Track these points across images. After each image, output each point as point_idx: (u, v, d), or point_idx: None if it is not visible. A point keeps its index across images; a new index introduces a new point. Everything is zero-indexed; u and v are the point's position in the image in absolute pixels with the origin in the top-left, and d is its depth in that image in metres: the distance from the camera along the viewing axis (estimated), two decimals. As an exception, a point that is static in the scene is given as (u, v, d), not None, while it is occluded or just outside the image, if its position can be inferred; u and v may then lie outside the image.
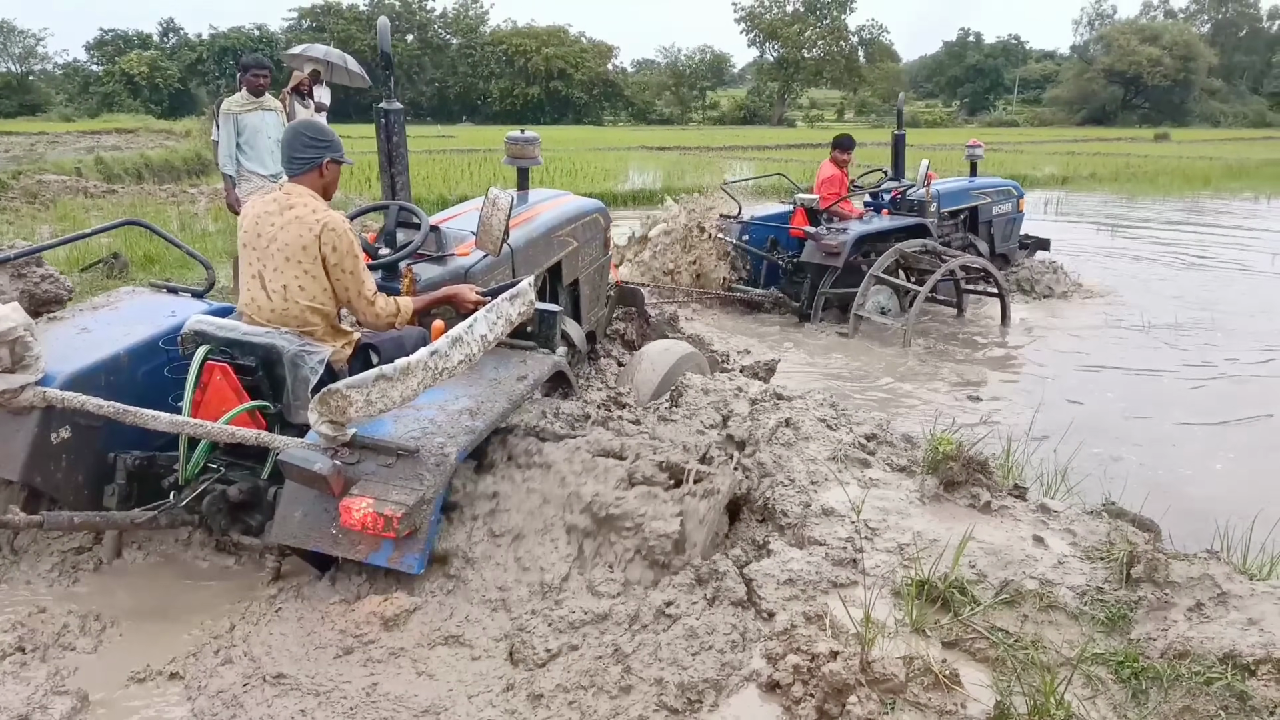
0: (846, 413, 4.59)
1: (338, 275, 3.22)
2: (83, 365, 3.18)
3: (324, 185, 3.33)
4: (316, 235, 3.16)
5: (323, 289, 3.23)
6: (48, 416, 3.02)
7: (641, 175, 21.19)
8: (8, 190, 13.60)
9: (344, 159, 3.39)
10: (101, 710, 2.46)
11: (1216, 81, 68.31)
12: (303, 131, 3.30)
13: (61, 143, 25.18)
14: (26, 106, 53.21)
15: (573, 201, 5.33)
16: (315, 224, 3.16)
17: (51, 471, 3.08)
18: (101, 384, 3.18)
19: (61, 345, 3.28)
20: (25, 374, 2.92)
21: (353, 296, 3.27)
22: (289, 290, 3.20)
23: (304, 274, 3.19)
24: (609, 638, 2.58)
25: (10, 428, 3.00)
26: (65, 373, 3.10)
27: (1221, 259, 12.40)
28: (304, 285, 3.20)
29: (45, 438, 3.03)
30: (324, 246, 3.16)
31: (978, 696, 2.49)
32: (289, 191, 3.27)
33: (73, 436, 3.12)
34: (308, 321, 3.24)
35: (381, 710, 2.36)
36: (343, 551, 2.72)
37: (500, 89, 62.77)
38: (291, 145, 3.26)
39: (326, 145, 3.29)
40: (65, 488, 3.13)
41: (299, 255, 3.17)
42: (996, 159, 24.97)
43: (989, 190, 9.82)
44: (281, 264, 3.19)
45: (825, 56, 67.68)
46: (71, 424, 3.10)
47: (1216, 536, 3.55)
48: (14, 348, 2.89)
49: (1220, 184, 23.08)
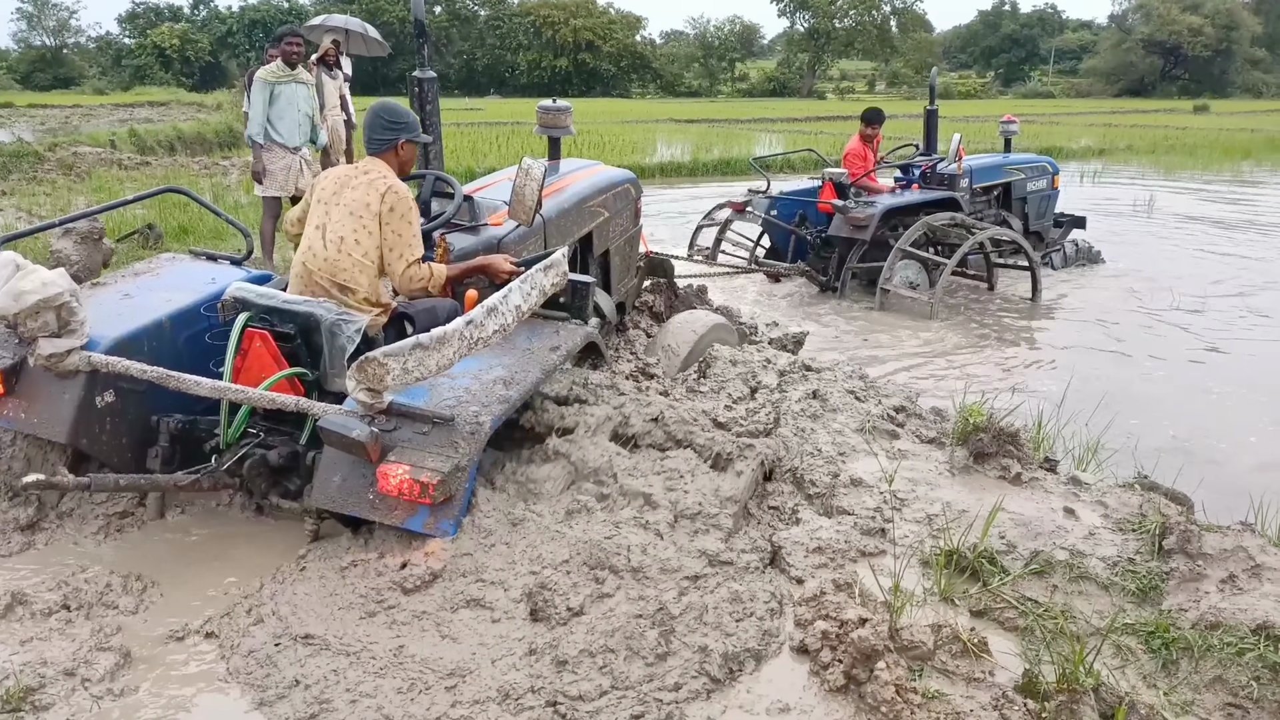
0: (875, 385, 4.58)
1: (387, 234, 3.39)
2: (126, 330, 3.24)
3: (400, 163, 3.59)
4: (381, 194, 3.38)
5: (374, 246, 3.40)
6: (93, 380, 3.08)
7: (669, 148, 21.07)
8: (44, 162, 13.78)
9: (420, 138, 3.66)
10: (143, 666, 2.53)
11: (1260, 51, 66.51)
12: (381, 114, 3.55)
13: (95, 115, 25.46)
14: (60, 80, 53.78)
15: (604, 172, 5.31)
16: (383, 185, 3.41)
17: (97, 434, 3.14)
18: (144, 349, 3.24)
19: (105, 311, 3.33)
20: (71, 338, 2.97)
21: (394, 257, 3.41)
22: (344, 242, 3.38)
23: (361, 228, 3.38)
24: (651, 593, 2.60)
25: (57, 391, 3.07)
26: (109, 337, 3.16)
27: (1259, 236, 12.16)
28: (359, 240, 3.38)
29: (90, 401, 3.10)
30: (384, 205, 3.37)
31: (1006, 665, 2.50)
32: (369, 164, 3.52)
33: (117, 400, 3.18)
34: (353, 278, 3.38)
35: (409, 671, 2.40)
36: (379, 516, 2.77)
37: (528, 61, 62.45)
38: (371, 127, 3.53)
39: (402, 127, 3.55)
40: (110, 450, 3.19)
41: (362, 211, 3.39)
42: (1031, 131, 24.61)
43: (1023, 166, 9.68)
44: (345, 217, 3.40)
45: (857, 27, 66.71)
46: (115, 388, 3.16)
47: (1250, 509, 3.52)
48: (60, 313, 2.94)
49: (1261, 156, 22.57)
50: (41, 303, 2.90)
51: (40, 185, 12.22)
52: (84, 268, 6.20)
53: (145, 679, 2.47)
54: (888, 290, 7.47)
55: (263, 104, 7.16)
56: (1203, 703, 2.41)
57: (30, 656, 2.47)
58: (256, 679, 2.42)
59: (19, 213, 9.74)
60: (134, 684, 2.44)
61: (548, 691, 2.30)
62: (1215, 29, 62.34)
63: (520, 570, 2.69)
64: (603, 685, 2.31)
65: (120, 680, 2.44)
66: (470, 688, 2.33)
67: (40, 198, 11.10)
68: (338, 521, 3.05)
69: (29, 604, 2.70)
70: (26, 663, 2.44)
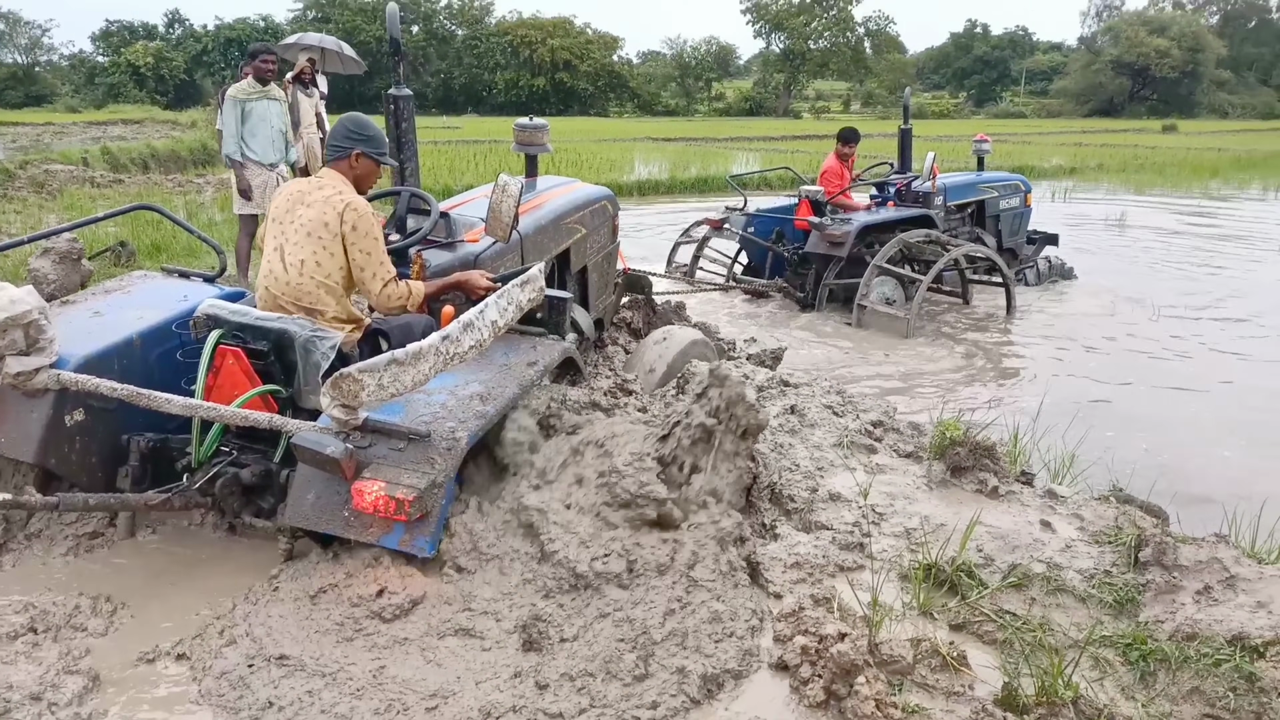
0: (853, 400, 4.59)
1: (354, 255, 3.30)
2: (96, 348, 3.19)
3: (355, 176, 3.47)
4: (339, 213, 3.27)
5: (338, 267, 3.30)
6: (62, 399, 3.04)
7: (647, 166, 21.15)
8: (15, 180, 13.61)
9: (382, 158, 3.53)
10: (111, 689, 2.47)
11: (1225, 73, 67.83)
12: (345, 123, 3.47)
13: (68, 133, 25.18)
14: (33, 97, 53.24)
15: (581, 189, 5.32)
16: (340, 203, 3.30)
17: (66, 453, 3.09)
18: (115, 367, 3.19)
19: (75, 329, 3.28)
20: (40, 356, 2.93)
21: (367, 278, 3.33)
22: (305, 265, 3.28)
23: (322, 250, 3.28)
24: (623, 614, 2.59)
25: (25, 410, 3.02)
26: (79, 355, 3.11)
27: (1230, 250, 12.35)
28: (320, 261, 3.28)
29: (60, 420, 3.04)
30: (345, 225, 3.27)
31: (985, 678, 2.50)
32: (323, 176, 3.43)
33: (87, 419, 3.13)
34: (320, 300, 3.30)
35: (388, 692, 2.37)
36: (355, 534, 2.74)
37: (505, 80, 62.57)
38: (333, 134, 3.48)
39: (361, 140, 3.44)
40: (79, 470, 3.14)
41: (320, 231, 3.28)
42: (1004, 150, 24.92)
43: (996, 184, 9.82)
44: (303, 239, 3.29)
45: (831, 48, 67.40)
46: (85, 406, 3.11)
47: (1225, 521, 3.55)
48: (28, 330, 2.90)
49: (1229, 175, 22.99)
50: (9, 320, 2.85)
51: (10, 203, 12.07)
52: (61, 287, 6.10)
53: (114, 702, 2.42)
54: (865, 306, 7.51)
55: (235, 121, 7.13)
56: (1180, 714, 2.42)
57: (-5, 681, 2.42)
58: (229, 701, 2.38)
59: (-12, 231, 9.61)
60: (103, 708, 2.39)
61: (529, 710, 2.27)
62: (1182, 51, 63.51)
63: (510, 600, 2.66)
64: (581, 704, 2.29)
65: (89, 704, 2.39)
66: (451, 709, 2.30)
67: (11, 215, 10.95)
68: (312, 540, 3.01)
69: (-6, 627, 2.64)
70: (-9, 687, 2.38)
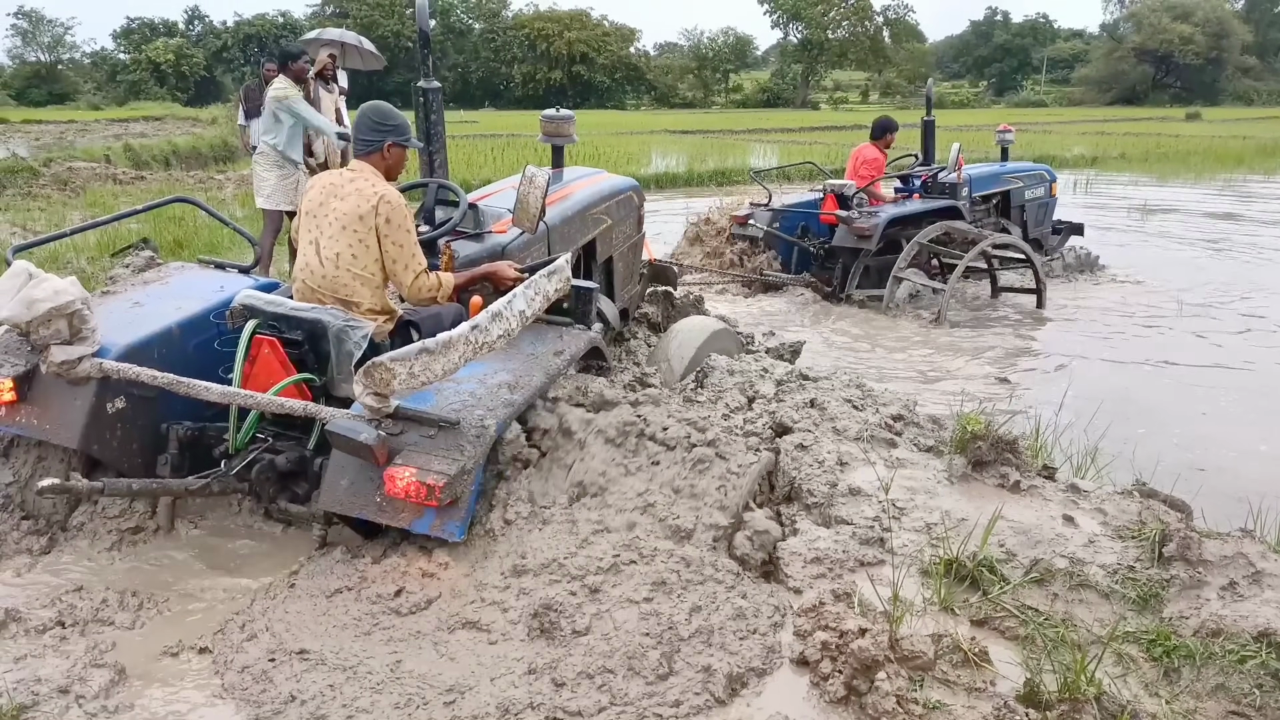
0: (873, 393, 4.56)
1: (387, 247, 3.35)
2: (136, 338, 3.27)
3: (387, 166, 3.50)
4: (373, 206, 3.31)
5: (374, 259, 3.36)
6: (104, 387, 3.11)
7: (664, 159, 21.11)
8: (39, 178, 13.77)
9: (409, 142, 3.56)
10: (138, 683, 2.51)
11: (1250, 59, 66.85)
12: (369, 114, 3.48)
13: (90, 131, 25.45)
14: (55, 95, 53.81)
15: (607, 179, 5.35)
16: (373, 195, 3.33)
17: (108, 440, 3.17)
18: (154, 356, 3.26)
19: (115, 319, 3.36)
20: (82, 346, 2.99)
21: (399, 269, 3.38)
22: (341, 258, 3.34)
23: (358, 242, 3.33)
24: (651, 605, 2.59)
25: (68, 397, 3.10)
26: (120, 345, 3.19)
27: (1256, 240, 12.19)
28: (356, 254, 3.34)
29: (102, 407, 3.12)
30: (379, 217, 3.31)
31: (1007, 674, 2.49)
32: (355, 168, 3.46)
33: (127, 406, 3.21)
34: (355, 291, 3.36)
35: (407, 686, 2.38)
36: (387, 519, 2.80)
37: (523, 74, 62.64)
38: (358, 127, 3.47)
39: (390, 129, 3.46)
40: (121, 456, 3.23)
41: (355, 224, 3.32)
42: (1024, 139, 24.66)
43: (1021, 175, 9.74)
44: (338, 232, 3.34)
45: (850, 37, 67.02)
46: (126, 394, 3.19)
47: (1250, 516, 3.51)
48: (71, 320, 2.96)
49: (1254, 163, 22.65)
50: (53, 310, 2.91)
51: (35, 201, 12.21)
52: None
53: (141, 695, 2.46)
54: (901, 279, 7.57)
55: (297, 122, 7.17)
56: (1205, 711, 2.39)
57: (24, 674, 2.45)
58: (253, 695, 2.40)
59: (14, 228, 9.72)
60: (129, 701, 2.42)
61: (547, 707, 2.28)
62: (1206, 37, 62.67)
63: (523, 588, 2.67)
64: (601, 702, 2.29)
65: (115, 697, 2.42)
66: (469, 703, 2.31)
67: (35, 213, 11.08)
68: (346, 525, 3.06)
69: (23, 621, 2.68)
70: (20, 680, 2.42)
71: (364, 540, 3.08)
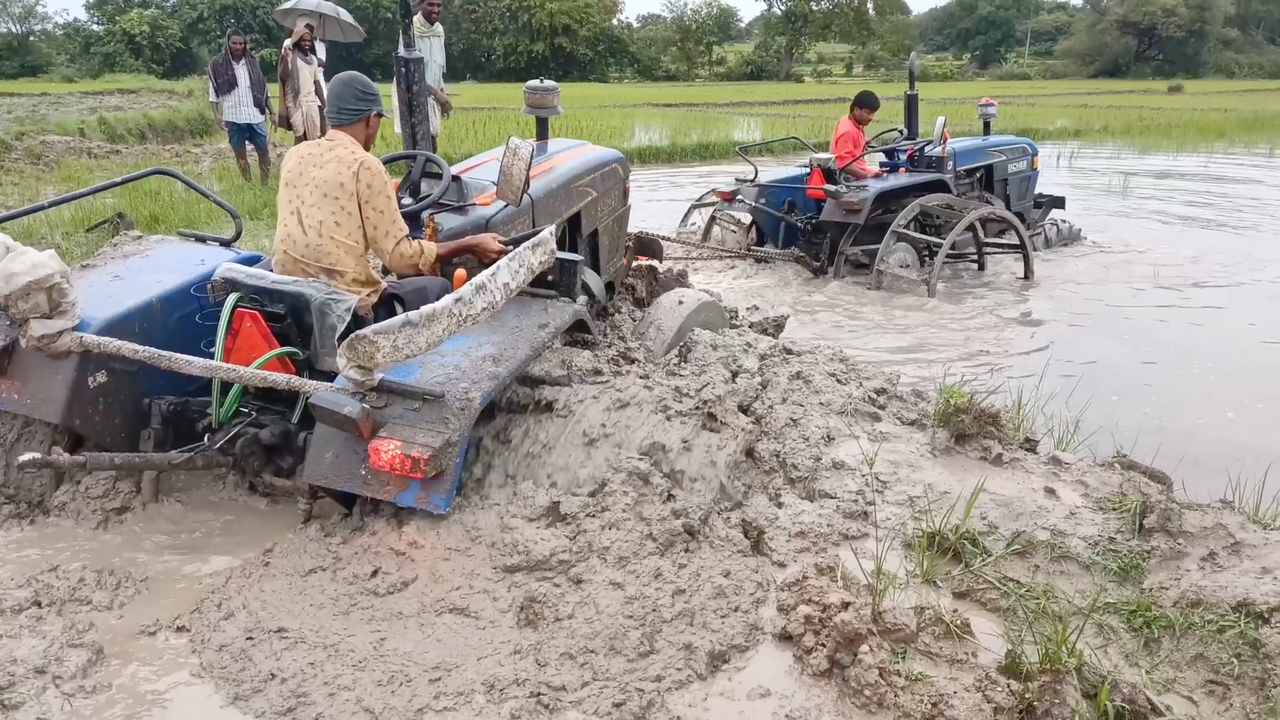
0: (856, 367, 4.57)
1: (369, 213, 3.32)
2: (117, 312, 3.23)
3: (367, 136, 3.50)
4: (354, 173, 3.28)
5: (356, 226, 3.33)
6: (85, 361, 3.07)
7: (648, 132, 20.97)
8: (11, 152, 13.51)
9: (383, 112, 3.57)
10: (116, 663, 2.48)
11: (1232, 32, 66.95)
12: (354, 85, 3.45)
13: (64, 103, 24.94)
14: (28, 67, 52.74)
15: (592, 152, 5.30)
16: (353, 161, 3.30)
17: (90, 415, 3.13)
18: (135, 330, 3.22)
19: (95, 293, 3.32)
20: (62, 319, 2.94)
21: (380, 235, 3.36)
22: (324, 226, 3.31)
23: (340, 210, 3.30)
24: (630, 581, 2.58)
25: (49, 372, 3.05)
26: (100, 319, 3.15)
27: (1236, 212, 12.25)
28: (339, 221, 3.31)
29: (83, 382, 3.09)
30: (360, 183, 3.29)
31: (989, 646, 2.50)
32: (334, 138, 3.43)
33: (109, 381, 3.17)
34: (339, 260, 3.33)
35: (391, 664, 2.37)
36: (372, 492, 2.79)
37: (504, 46, 61.85)
38: (342, 96, 3.42)
39: (374, 98, 3.47)
40: (103, 431, 3.19)
41: (336, 192, 3.29)
42: (1007, 112, 24.66)
43: (1004, 148, 9.72)
44: (319, 200, 3.31)
45: (834, 9, 66.47)
46: (107, 369, 3.15)
47: (1229, 487, 3.53)
48: (51, 294, 2.91)
49: (1235, 136, 22.75)
50: (32, 284, 2.86)
51: (8, 175, 11.99)
52: None
53: (119, 675, 2.43)
54: (883, 271, 7.50)
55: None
56: (1185, 680, 2.42)
57: (0, 655, 2.42)
58: (231, 673, 2.38)
59: (-14, 203, 9.56)
60: (106, 681, 2.40)
61: (531, 683, 2.27)
62: (1189, 9, 62.67)
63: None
64: (584, 677, 2.29)
65: (93, 677, 2.39)
66: (454, 680, 2.30)
67: (8, 188, 10.89)
68: (331, 499, 3.05)
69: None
70: (-4, 661, 2.39)
71: (343, 516, 3.06)
